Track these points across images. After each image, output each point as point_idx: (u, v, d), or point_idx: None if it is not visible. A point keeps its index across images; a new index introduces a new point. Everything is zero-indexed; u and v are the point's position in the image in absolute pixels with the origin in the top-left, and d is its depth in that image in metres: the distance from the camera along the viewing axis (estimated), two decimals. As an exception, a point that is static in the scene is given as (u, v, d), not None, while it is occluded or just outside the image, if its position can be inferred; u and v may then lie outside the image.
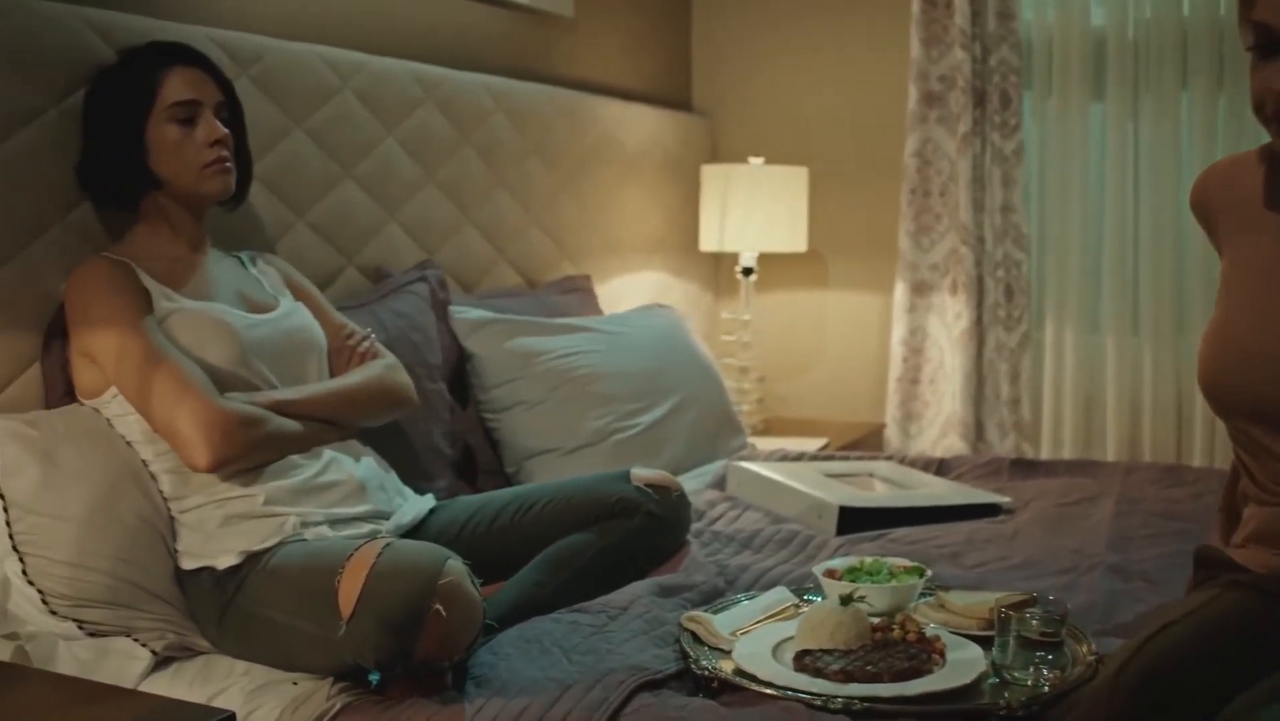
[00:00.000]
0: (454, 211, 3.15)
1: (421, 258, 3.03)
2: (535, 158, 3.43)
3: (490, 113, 3.26)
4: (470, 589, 1.77)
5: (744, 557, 2.34)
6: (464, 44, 3.28)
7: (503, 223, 3.32)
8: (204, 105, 2.21)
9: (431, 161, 3.07)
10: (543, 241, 3.47)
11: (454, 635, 1.75)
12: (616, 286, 3.77)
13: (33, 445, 2.02)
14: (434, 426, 2.67)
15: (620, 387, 2.91)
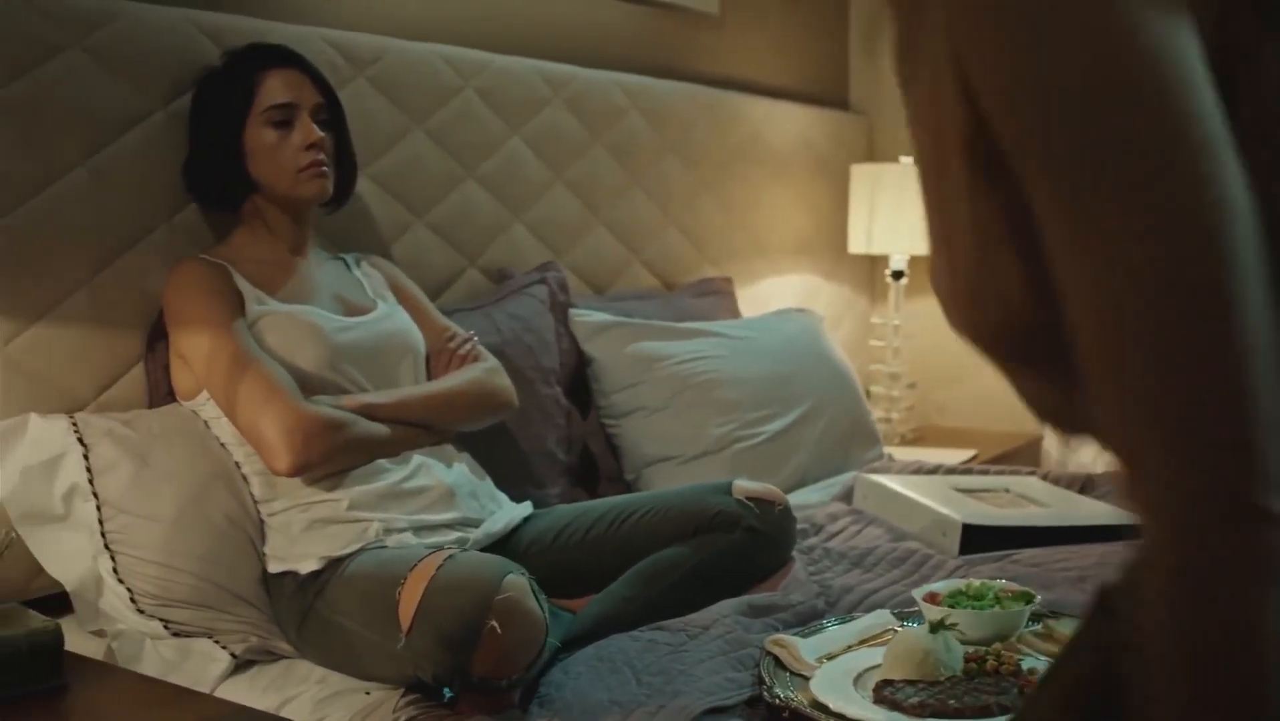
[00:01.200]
0: (584, 212, 3.10)
1: (548, 259, 2.99)
2: (673, 157, 3.35)
3: (624, 111, 3.20)
4: (531, 605, 1.70)
5: (852, 577, 2.22)
6: (596, 42, 3.23)
7: (637, 223, 3.25)
8: (301, 108, 2.20)
9: (560, 161, 3.02)
10: (681, 243, 3.39)
11: (511, 653, 1.68)
12: (761, 289, 3.67)
13: (127, 445, 2.04)
14: (547, 431, 2.61)
15: (744, 394, 2.81)
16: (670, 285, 3.34)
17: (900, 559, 2.31)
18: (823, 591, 2.11)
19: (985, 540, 2.38)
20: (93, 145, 2.13)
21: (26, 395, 2.05)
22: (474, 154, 2.81)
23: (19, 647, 1.76)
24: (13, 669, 1.75)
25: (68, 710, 1.75)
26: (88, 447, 2.02)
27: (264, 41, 2.28)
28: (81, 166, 2.12)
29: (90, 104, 2.13)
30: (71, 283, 2.11)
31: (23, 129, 2.04)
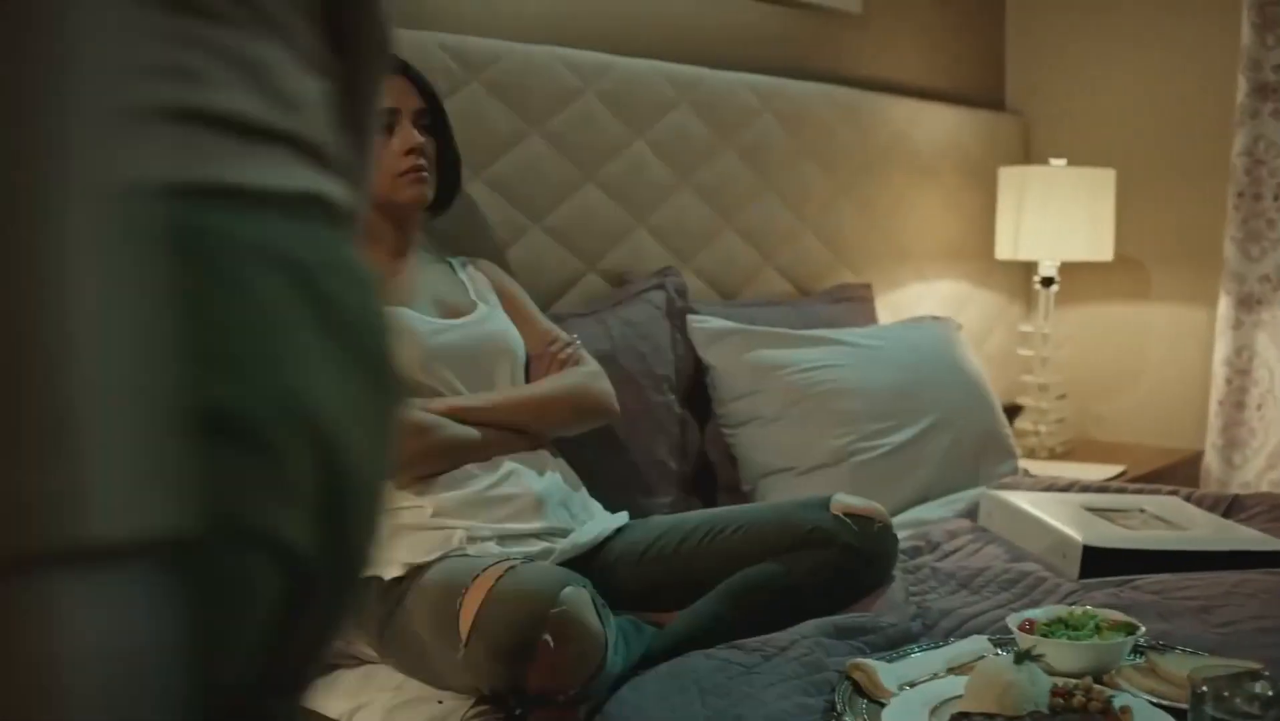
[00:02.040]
0: (712, 216, 3.04)
1: (674, 263, 2.94)
2: (810, 160, 3.27)
3: (756, 114, 3.13)
4: (588, 620, 1.66)
5: (956, 599, 2.11)
6: (726, 43, 3.17)
7: (770, 228, 3.18)
8: (401, 113, 2.20)
9: (686, 165, 2.97)
10: (817, 248, 3.31)
11: (566, 668, 1.64)
12: (904, 296, 3.56)
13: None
14: (658, 439, 2.57)
15: (866, 405, 2.71)
16: (805, 292, 3.26)
17: (1011, 581, 2.19)
18: (919, 613, 2.02)
19: (1109, 564, 2.24)
20: (199, 151, 2.17)
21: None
22: (595, 158, 2.78)
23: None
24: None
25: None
26: (185, 448, 2.05)
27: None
28: (188, 172, 2.16)
29: (197, 111, 2.16)
30: (177, 286, 2.15)
31: (129, 135, 2.09)
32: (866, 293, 3.29)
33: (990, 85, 4.00)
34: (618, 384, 2.51)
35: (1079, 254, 3.50)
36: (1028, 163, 3.90)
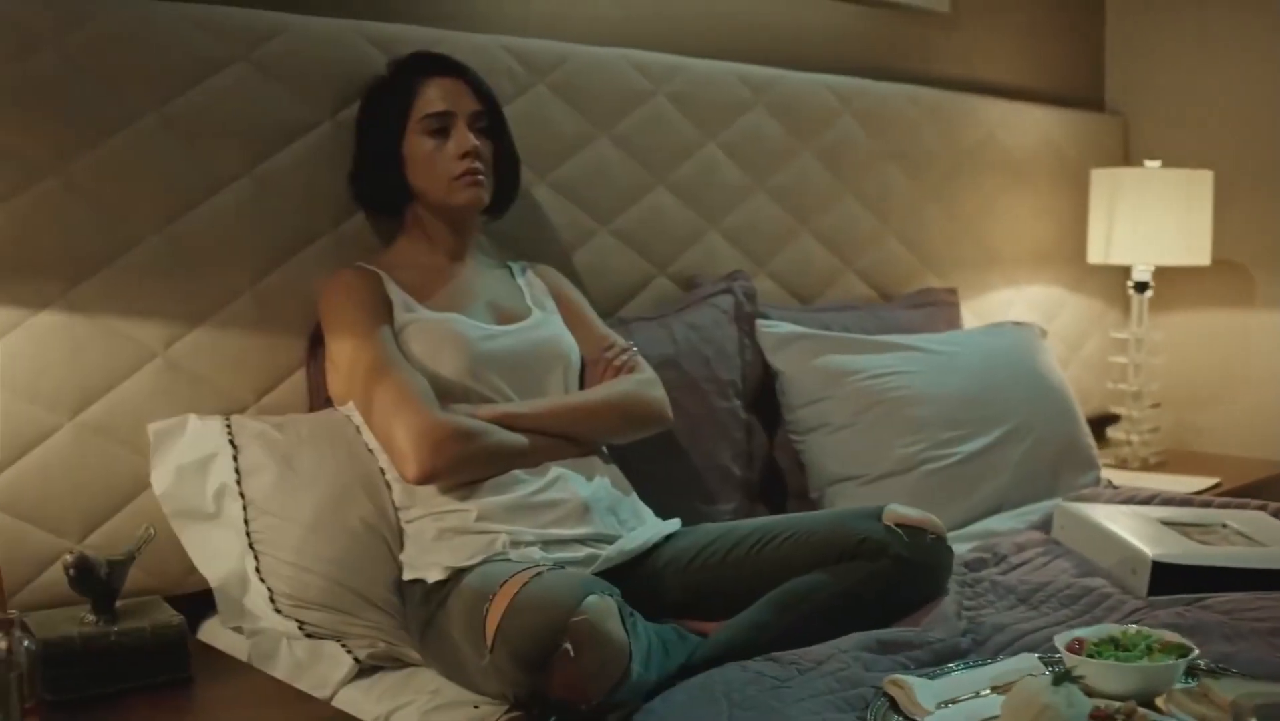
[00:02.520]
0: (788, 219, 3.00)
1: (747, 267, 2.90)
2: (893, 162, 3.20)
3: (836, 115, 3.07)
4: (609, 630, 1.63)
5: (1013, 614, 2.04)
6: (803, 44, 3.12)
7: (850, 231, 3.12)
8: (457, 116, 2.20)
9: (761, 167, 2.93)
10: (900, 252, 3.24)
11: (587, 677, 1.61)
12: (993, 301, 3.46)
13: (275, 448, 2.09)
14: (721, 445, 2.53)
15: (937, 412, 2.64)
16: (886, 296, 3.20)
17: (1074, 597, 2.12)
18: (970, 629, 1.95)
19: (1179, 580, 2.15)
20: (257, 155, 2.20)
21: (187, 396, 2.13)
22: (665, 160, 2.76)
23: (144, 640, 1.83)
24: (138, 660, 1.82)
25: (186, 702, 1.80)
26: (238, 449, 2.07)
27: (428, 50, 2.29)
28: (245, 176, 2.18)
29: (254, 116, 2.19)
30: (234, 288, 2.18)
31: (187, 141, 2.12)
32: (951, 298, 3.22)
33: (1089, 85, 3.88)
34: (680, 388, 2.49)
35: (1174, 258, 3.37)
36: (1126, 164, 3.77)
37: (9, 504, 1.98)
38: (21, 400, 1.99)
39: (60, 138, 2.00)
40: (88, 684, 1.79)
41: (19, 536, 1.98)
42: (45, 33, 1.98)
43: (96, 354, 2.05)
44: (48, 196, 1.99)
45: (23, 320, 1.99)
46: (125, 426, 2.07)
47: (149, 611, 1.90)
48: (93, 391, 2.05)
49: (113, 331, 2.06)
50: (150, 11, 2.09)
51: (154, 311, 2.10)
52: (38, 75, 1.98)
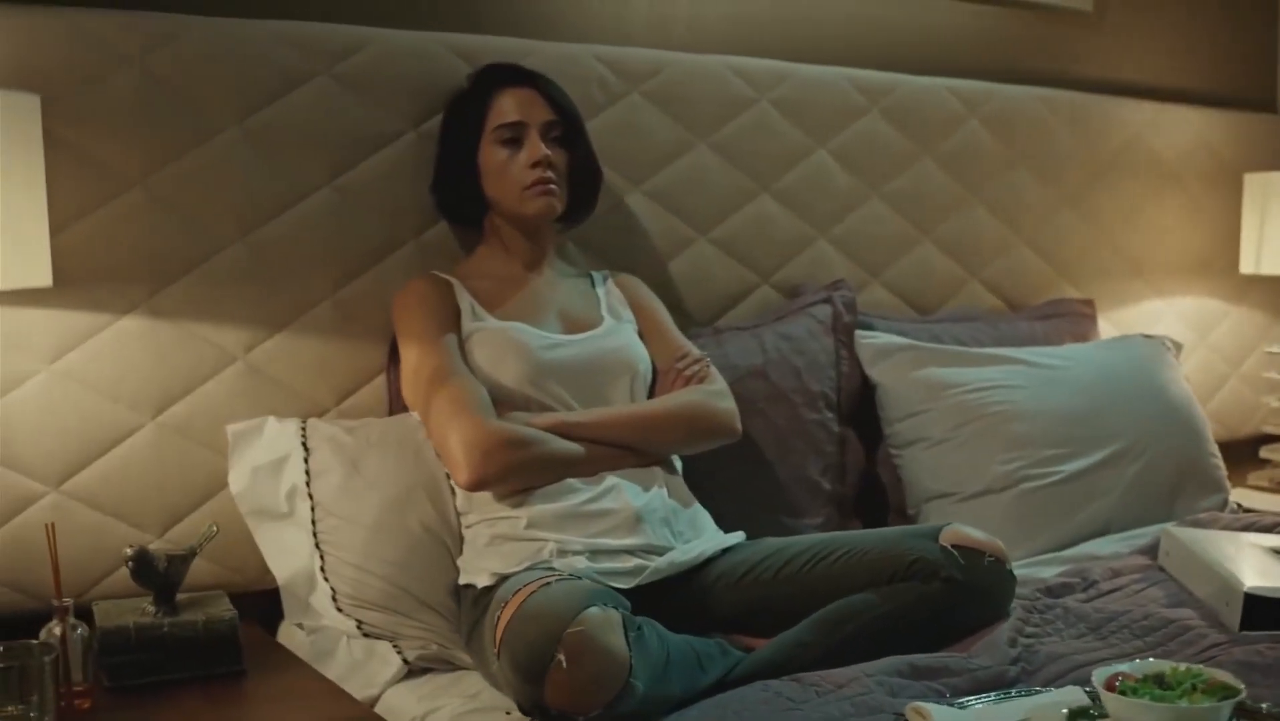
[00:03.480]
0: (907, 227, 2.92)
1: (860, 276, 2.84)
2: (1024, 168, 3.09)
3: (960, 120, 2.98)
4: (607, 642, 1.62)
5: (1076, 644, 1.94)
6: (925, 47, 3.03)
7: (975, 239, 3.02)
8: (529, 126, 2.22)
9: (877, 174, 2.87)
10: (1032, 261, 3.11)
11: (581, 688, 1.61)
12: (1136, 313, 3.29)
13: (343, 451, 2.14)
14: (810, 458, 2.48)
15: (1040, 429, 2.53)
16: (1016, 307, 3.08)
17: (1151, 629, 2.00)
18: (1023, 657, 1.86)
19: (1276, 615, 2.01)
20: (338, 166, 2.26)
21: (266, 399, 2.21)
22: (769, 168, 2.72)
23: (196, 632, 1.91)
24: (191, 652, 1.90)
25: (234, 694, 1.87)
26: (309, 451, 2.14)
27: (504, 61, 2.32)
28: (327, 186, 2.25)
29: (336, 127, 2.26)
30: (315, 295, 2.25)
31: (270, 152, 2.20)
32: (1086, 309, 3.08)
33: (1258, 85, 3.65)
34: (767, 399, 2.46)
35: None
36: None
37: (92, 498, 2.09)
38: (106, 400, 2.09)
39: (145, 151, 2.11)
40: (143, 672, 1.87)
41: (102, 530, 2.08)
42: (131, 52, 2.09)
43: (178, 357, 2.14)
44: (132, 207, 2.10)
45: (108, 324, 2.09)
46: (205, 427, 2.16)
47: (207, 605, 1.97)
48: (174, 393, 2.14)
49: (194, 335, 2.15)
50: (234, 29, 2.17)
51: (235, 317, 2.18)
52: (123, 92, 2.08)
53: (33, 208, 1.80)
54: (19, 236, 1.76)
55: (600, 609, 1.65)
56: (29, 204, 1.79)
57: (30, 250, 1.79)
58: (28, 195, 1.79)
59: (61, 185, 2.02)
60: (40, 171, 1.84)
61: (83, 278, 2.06)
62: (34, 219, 1.80)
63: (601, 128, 2.50)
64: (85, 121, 2.05)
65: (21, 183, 1.77)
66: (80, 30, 2.05)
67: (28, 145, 1.80)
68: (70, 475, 2.07)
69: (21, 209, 1.77)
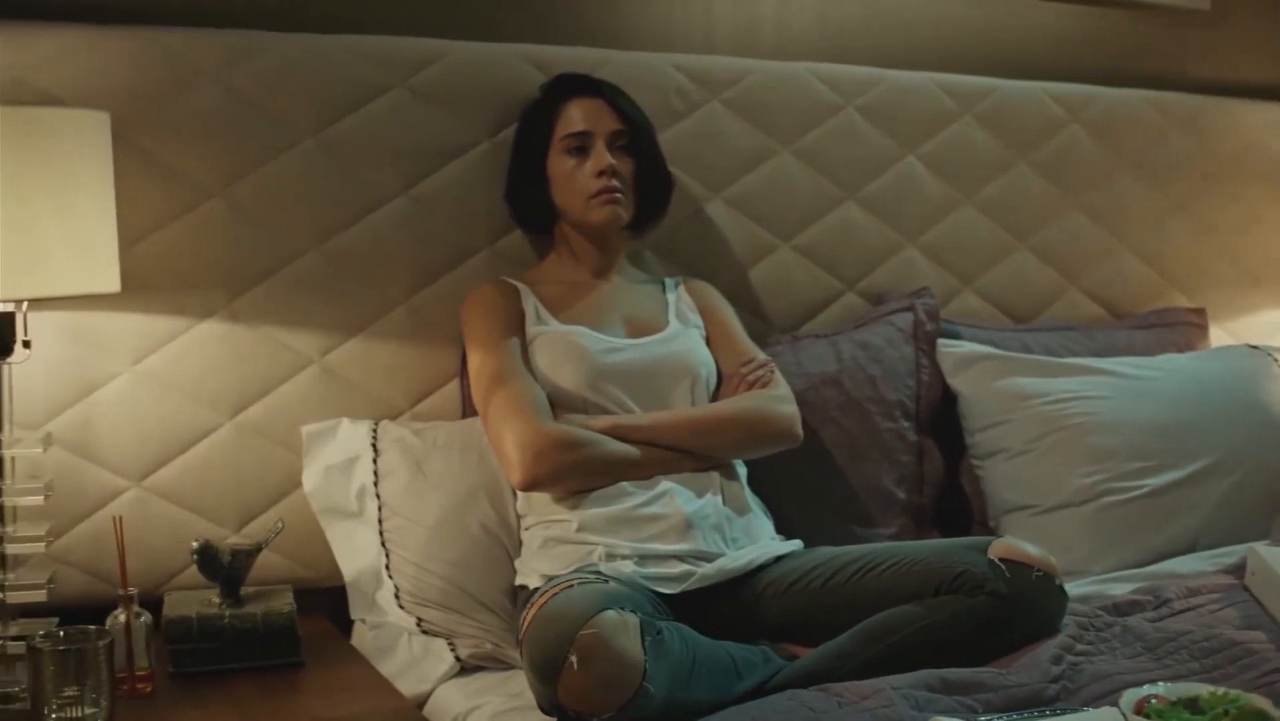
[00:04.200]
0: (1002, 234, 2.87)
1: (950, 284, 2.81)
2: (1129, 173, 3.00)
3: (1060, 125, 2.92)
4: (619, 646, 1.63)
5: (1129, 663, 1.88)
6: (1021, 51, 2.97)
7: (1075, 247, 2.95)
8: (596, 135, 2.25)
9: (970, 180, 2.83)
10: (1138, 269, 3.03)
11: (592, 690, 1.63)
12: (1256, 323, 3.16)
13: (410, 453, 2.21)
14: (883, 467, 2.45)
15: (1123, 441, 2.46)
16: (1119, 315, 3.00)
17: (1211, 650, 1.92)
18: (1066, 675, 1.82)
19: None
20: (413, 175, 2.33)
21: (340, 401, 2.28)
22: (855, 175, 2.71)
23: (255, 624, 1.99)
24: (249, 643, 1.98)
25: (287, 685, 1.94)
26: (378, 452, 2.21)
27: (577, 71, 2.35)
28: (402, 195, 2.32)
29: (411, 138, 2.32)
30: (390, 301, 2.32)
31: (346, 163, 2.28)
32: (1196, 318, 2.98)
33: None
34: (840, 407, 2.45)
35: None
36: None
37: (172, 493, 2.19)
38: (186, 400, 2.19)
39: (224, 162, 2.20)
40: (203, 660, 1.96)
41: (181, 523, 2.18)
42: (211, 68, 2.18)
43: (256, 360, 2.23)
44: (213, 215, 2.19)
45: (189, 327, 2.19)
46: (281, 427, 2.24)
47: (271, 598, 2.05)
48: (251, 394, 2.23)
49: (271, 339, 2.24)
50: (310, 44, 2.26)
51: (311, 321, 2.26)
52: (204, 106, 2.18)
53: (102, 218, 1.89)
54: (89, 245, 1.86)
55: (617, 612, 1.67)
56: (99, 215, 1.88)
57: (100, 258, 1.88)
58: (98, 206, 1.88)
59: (145, 196, 2.14)
60: (110, 184, 1.94)
61: (165, 283, 2.17)
62: (104, 229, 1.89)
63: (680, 136, 2.52)
64: (168, 135, 2.16)
65: (92, 195, 1.86)
66: (163, 48, 2.15)
67: (98, 160, 1.90)
68: (151, 471, 2.17)
69: (92, 219, 1.86)
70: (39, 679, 1.70)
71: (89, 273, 1.86)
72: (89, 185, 1.86)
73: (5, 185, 1.76)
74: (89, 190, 1.85)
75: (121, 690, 1.86)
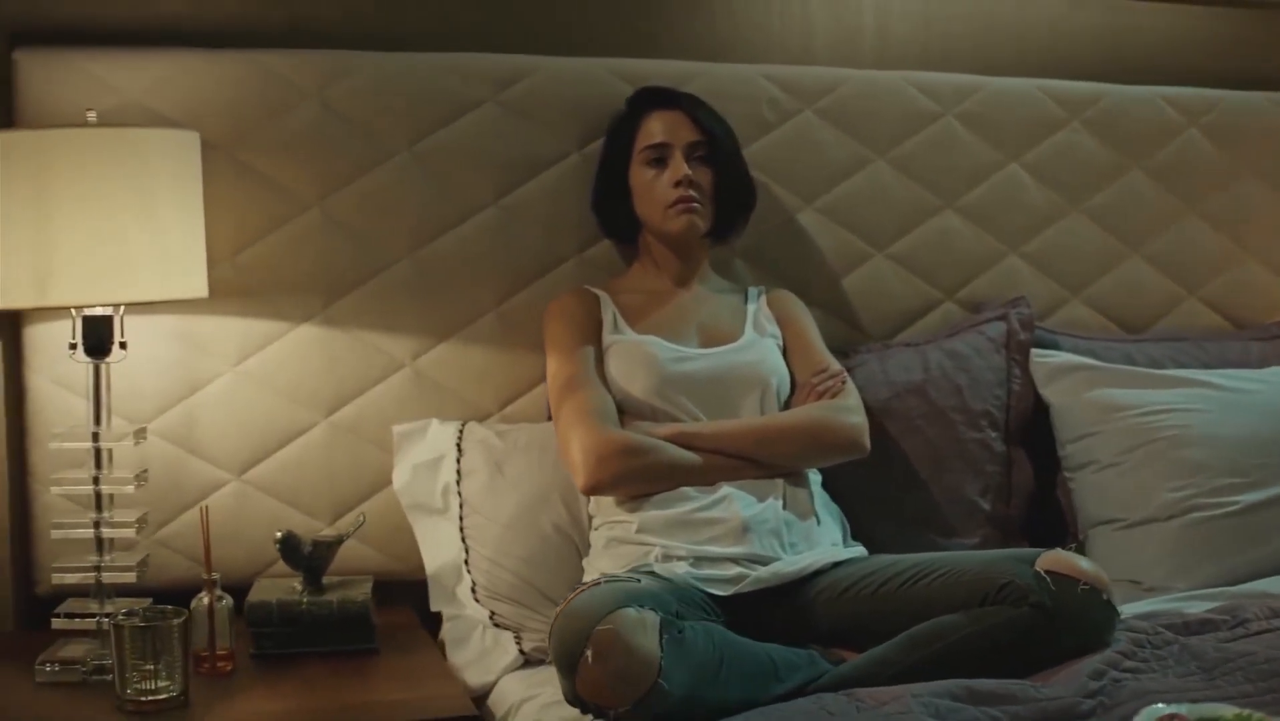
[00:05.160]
0: (1112, 242, 2.82)
1: (1057, 293, 2.77)
2: (1255, 179, 2.92)
3: (1177, 129, 2.85)
4: (633, 642, 1.68)
5: (1179, 681, 1.83)
6: (1134, 56, 2.91)
7: (1193, 255, 2.88)
8: (673, 147, 2.31)
9: (1077, 187, 2.79)
10: (1262, 277, 2.93)
11: (607, 685, 1.68)
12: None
13: (491, 453, 2.31)
14: (967, 477, 2.44)
15: (1216, 455, 2.39)
16: (1243, 325, 2.91)
17: (1270, 673, 1.86)
18: (1106, 690, 1.80)
19: None
20: (503, 186, 2.43)
21: (431, 403, 2.39)
22: (954, 183, 2.70)
23: (330, 612, 2.11)
24: (324, 629, 2.11)
25: (355, 669, 2.06)
26: (462, 452, 2.31)
27: (665, 84, 2.41)
28: (492, 206, 2.42)
29: (502, 150, 2.42)
30: (480, 307, 2.42)
31: (438, 175, 2.39)
32: (1325, 328, 2.87)
33: None
34: (924, 416, 2.45)
35: None
36: None
37: (269, 487, 2.33)
38: (283, 400, 2.33)
39: (321, 175, 2.34)
40: (282, 644, 2.10)
41: (277, 515, 2.32)
42: (310, 87, 2.32)
43: (350, 362, 2.36)
44: (310, 226, 2.33)
45: (286, 331, 2.33)
46: (373, 427, 2.37)
47: (350, 587, 2.18)
48: (345, 395, 2.36)
49: (365, 343, 2.37)
50: (404, 62, 2.38)
51: (403, 326, 2.38)
52: (303, 123, 2.32)
53: (189, 230, 2.04)
54: (176, 255, 2.01)
55: (635, 610, 1.73)
56: (185, 227, 2.03)
57: (186, 267, 2.03)
58: (184, 219, 2.03)
59: (248, 208, 2.29)
60: (198, 199, 2.09)
61: (265, 289, 2.31)
62: (190, 239, 2.04)
63: (772, 145, 2.57)
64: (270, 151, 2.30)
65: (179, 208, 2.01)
66: (265, 70, 2.30)
67: (186, 176, 2.05)
68: (250, 465, 2.32)
69: (178, 231, 2.01)
70: (120, 653, 1.86)
71: (175, 280, 2.01)
72: (176, 199, 2.01)
73: (97, 201, 1.92)
74: (176, 204, 2.00)
75: (202, 668, 2.00)
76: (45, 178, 1.91)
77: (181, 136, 2.07)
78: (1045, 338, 2.65)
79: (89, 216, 1.91)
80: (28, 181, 1.91)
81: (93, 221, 1.91)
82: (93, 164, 1.92)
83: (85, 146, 1.93)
